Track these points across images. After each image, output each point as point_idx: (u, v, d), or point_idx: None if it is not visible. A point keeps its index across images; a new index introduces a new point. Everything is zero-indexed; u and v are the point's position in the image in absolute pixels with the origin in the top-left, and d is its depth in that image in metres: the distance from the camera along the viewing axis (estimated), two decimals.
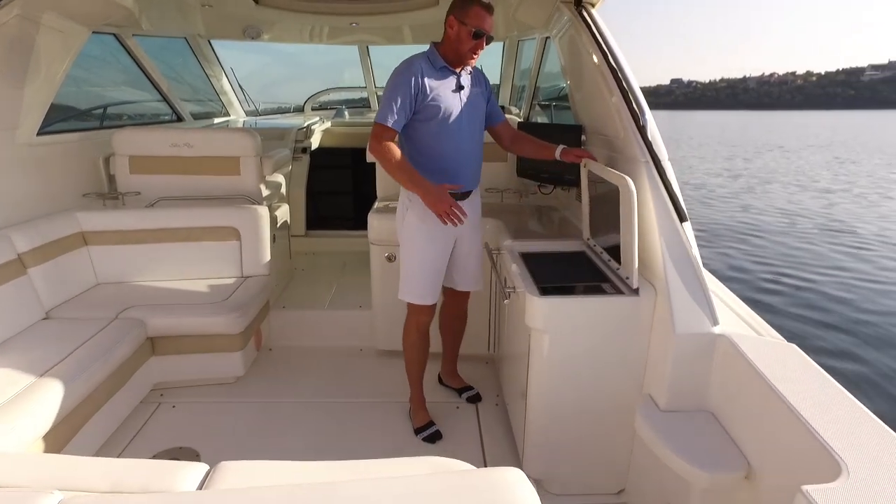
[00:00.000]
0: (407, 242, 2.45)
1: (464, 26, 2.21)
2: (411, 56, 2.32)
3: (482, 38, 2.23)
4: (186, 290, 3.02)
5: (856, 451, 1.27)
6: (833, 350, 5.18)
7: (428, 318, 2.55)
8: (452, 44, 2.26)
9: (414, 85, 2.21)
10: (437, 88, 2.26)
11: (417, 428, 2.60)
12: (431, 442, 2.54)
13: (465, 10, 2.20)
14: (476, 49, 2.26)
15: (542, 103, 4.71)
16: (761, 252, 8.49)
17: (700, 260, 1.92)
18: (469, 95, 2.36)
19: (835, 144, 31.55)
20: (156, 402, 2.79)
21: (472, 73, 2.42)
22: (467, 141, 2.37)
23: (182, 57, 5.00)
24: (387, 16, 4.30)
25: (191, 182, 3.42)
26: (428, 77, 2.24)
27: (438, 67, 2.29)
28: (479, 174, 2.53)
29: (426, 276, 2.45)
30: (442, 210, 2.17)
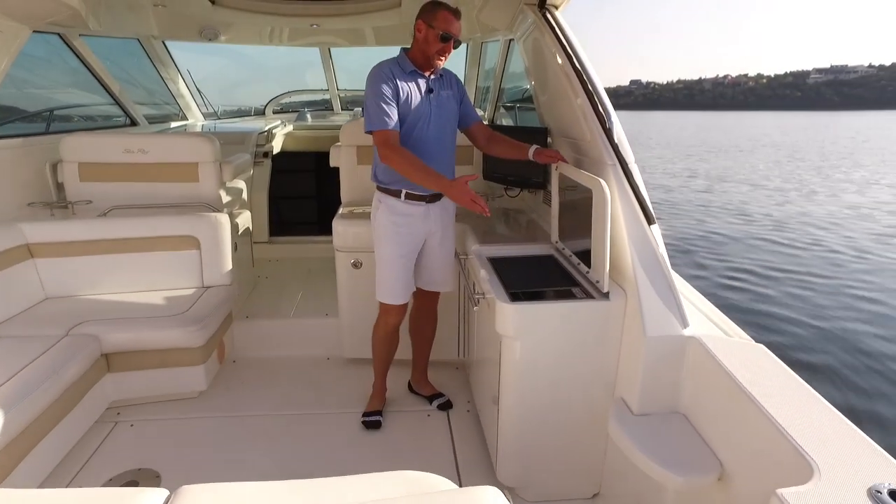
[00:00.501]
0: (378, 243, 2.49)
1: (431, 30, 2.25)
2: (381, 62, 2.35)
3: (449, 41, 2.27)
4: (143, 303, 2.88)
5: (826, 451, 1.28)
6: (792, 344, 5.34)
7: (396, 319, 2.59)
8: (421, 47, 2.30)
9: (392, 84, 2.25)
10: (408, 92, 2.29)
11: (365, 412, 2.70)
12: (366, 428, 2.63)
13: (433, 14, 2.25)
14: (443, 52, 2.30)
15: (506, 105, 4.71)
16: (718, 250, 8.72)
17: (668, 262, 1.92)
18: (440, 99, 2.39)
19: (785, 145, 32.77)
20: (112, 422, 2.65)
21: (444, 76, 2.44)
22: (438, 144, 2.40)
23: (135, 58, 4.80)
24: (348, 17, 4.24)
25: (146, 189, 3.28)
26: (398, 81, 2.28)
27: (408, 71, 2.32)
28: (452, 177, 2.51)
29: (395, 276, 2.48)
30: (466, 201, 2.10)
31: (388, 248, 2.47)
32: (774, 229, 10.30)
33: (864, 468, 1.23)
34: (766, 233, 10.04)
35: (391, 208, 2.43)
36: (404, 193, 2.41)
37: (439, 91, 2.40)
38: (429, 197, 2.45)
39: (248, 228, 3.81)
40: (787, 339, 5.43)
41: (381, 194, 2.47)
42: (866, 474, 1.21)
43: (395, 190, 2.42)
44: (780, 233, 10.04)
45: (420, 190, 2.41)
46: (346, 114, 6.30)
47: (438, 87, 2.40)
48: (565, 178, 2.42)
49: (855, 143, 34.19)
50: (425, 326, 2.82)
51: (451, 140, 2.49)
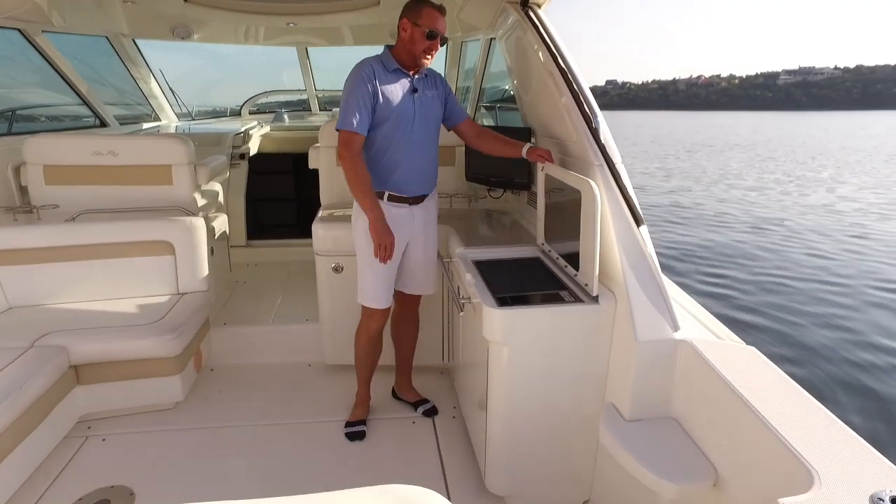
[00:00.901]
0: (360, 245, 2.43)
1: (417, 28, 2.20)
2: (364, 59, 2.29)
3: (436, 38, 2.23)
4: (115, 312, 2.76)
5: (824, 457, 1.26)
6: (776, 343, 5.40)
7: (379, 324, 2.54)
8: (406, 46, 2.25)
9: (370, 84, 2.20)
10: (390, 91, 2.24)
11: (348, 422, 2.63)
12: (350, 439, 2.55)
13: (418, 11, 2.20)
14: (430, 50, 2.26)
15: (486, 105, 4.68)
16: (698, 253, 8.79)
17: (658, 264, 1.89)
18: (424, 99, 2.34)
19: (758, 144, 33.42)
20: (82, 437, 2.53)
21: (428, 76, 2.39)
22: (422, 145, 2.35)
23: (105, 57, 4.64)
24: (325, 16, 4.15)
25: (117, 193, 3.15)
26: (380, 79, 2.23)
27: (391, 70, 2.27)
28: (435, 178, 2.50)
29: (378, 279, 2.43)
30: (380, 244, 2.24)
31: (370, 251, 2.40)
32: (753, 228, 10.44)
33: (864, 474, 1.21)
34: (742, 234, 10.16)
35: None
36: (387, 195, 2.36)
37: (424, 91, 2.34)
38: (412, 199, 2.40)
39: (224, 232, 3.70)
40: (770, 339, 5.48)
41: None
42: (867, 481, 1.19)
43: (377, 191, 2.36)
44: (758, 233, 10.18)
45: (403, 191, 2.36)
46: (325, 114, 6.20)
47: (423, 86, 2.35)
48: (551, 179, 2.39)
49: (822, 143, 35.04)
50: (408, 330, 2.76)
51: (435, 141, 2.45)
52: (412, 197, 2.40)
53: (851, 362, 4.99)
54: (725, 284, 7.18)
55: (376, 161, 2.32)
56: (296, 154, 5.07)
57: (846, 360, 5.03)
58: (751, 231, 10.28)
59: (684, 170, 20.32)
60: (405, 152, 2.29)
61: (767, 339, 5.45)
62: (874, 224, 10.98)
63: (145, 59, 4.93)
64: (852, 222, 11.04)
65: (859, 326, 5.79)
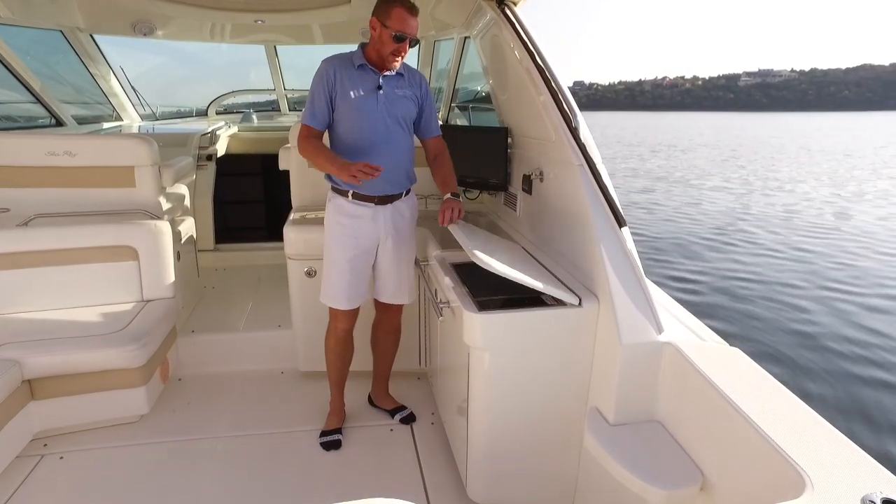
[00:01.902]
0: (325, 243, 2.41)
1: (385, 29, 2.14)
2: (333, 55, 2.26)
3: (404, 41, 2.16)
4: (74, 321, 2.61)
5: (814, 459, 1.25)
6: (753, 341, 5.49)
7: (345, 325, 2.49)
8: (375, 46, 2.21)
9: (327, 81, 2.20)
10: (353, 86, 2.21)
11: (323, 431, 2.56)
12: (326, 449, 2.48)
13: (387, 11, 2.13)
14: (398, 53, 2.19)
15: (460, 105, 4.63)
16: (673, 254, 8.92)
17: (640, 265, 1.87)
18: (391, 97, 2.27)
19: (720, 144, 34.26)
20: (37, 455, 2.38)
21: (407, 76, 2.33)
22: (387, 143, 2.27)
23: (60, 53, 4.43)
24: (294, 13, 4.04)
25: (75, 196, 2.99)
26: (344, 74, 2.21)
27: (357, 65, 2.22)
28: (406, 180, 2.41)
29: (340, 279, 2.37)
30: (349, 175, 2.02)
31: (334, 249, 2.37)
32: (716, 229, 10.62)
33: (854, 477, 1.20)
34: (709, 232, 10.36)
35: (339, 208, 2.35)
36: (352, 193, 2.31)
37: (392, 89, 2.28)
38: (377, 199, 2.33)
39: (191, 236, 3.56)
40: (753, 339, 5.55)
41: (331, 193, 2.39)
42: (857, 483, 1.18)
43: (343, 189, 2.32)
44: (728, 234, 10.34)
45: (368, 190, 2.29)
46: (294, 114, 6.07)
47: (392, 85, 2.28)
48: (536, 177, 2.36)
49: (782, 143, 36.14)
50: (387, 339, 2.69)
51: (405, 141, 2.36)
52: (378, 196, 2.32)
53: (832, 360, 5.10)
54: (702, 285, 7.28)
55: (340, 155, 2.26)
56: (264, 155, 4.94)
57: (827, 358, 5.14)
58: (724, 232, 10.45)
59: (650, 170, 20.66)
60: (368, 150, 2.22)
61: (750, 339, 5.53)
62: (838, 221, 11.32)
63: (104, 56, 4.72)
64: (815, 221, 11.35)
65: (837, 323, 5.92)
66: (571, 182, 2.07)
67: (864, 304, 6.46)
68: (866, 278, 7.41)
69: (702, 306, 6.36)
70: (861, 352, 5.27)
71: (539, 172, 2.42)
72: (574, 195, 2.06)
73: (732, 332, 5.64)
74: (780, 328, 5.79)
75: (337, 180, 2.32)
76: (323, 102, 2.21)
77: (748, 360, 1.68)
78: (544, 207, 2.42)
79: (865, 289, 6.99)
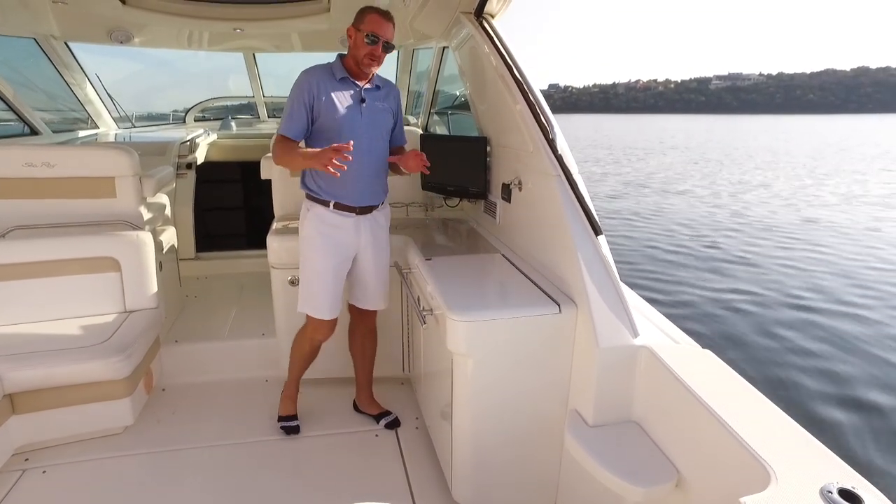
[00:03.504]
0: (304, 253, 2.42)
1: (359, 33, 2.24)
2: (313, 66, 2.31)
3: (377, 43, 2.23)
4: (56, 334, 2.60)
5: (778, 454, 1.33)
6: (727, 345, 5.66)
7: (325, 335, 2.53)
8: (351, 52, 2.29)
9: (308, 92, 2.23)
10: (335, 99, 2.25)
11: (280, 416, 2.67)
12: (287, 433, 2.62)
13: (361, 17, 2.25)
14: (373, 55, 2.25)
15: (439, 112, 4.70)
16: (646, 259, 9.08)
17: (616, 272, 1.95)
18: (372, 109, 2.34)
19: (691, 147, 34.96)
20: (18, 470, 2.36)
21: (383, 88, 2.40)
22: (369, 154, 2.34)
23: (32, 59, 4.37)
24: (273, 22, 4.05)
25: (54, 207, 2.96)
26: (325, 87, 2.24)
27: (339, 78, 2.28)
28: (383, 191, 2.50)
29: (323, 289, 2.40)
30: (323, 163, 2.03)
31: (316, 259, 2.39)
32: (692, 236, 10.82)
33: (815, 469, 1.29)
34: (683, 238, 10.54)
35: (319, 218, 2.37)
36: (333, 203, 2.35)
37: (373, 102, 2.34)
38: (359, 209, 2.39)
39: (173, 245, 3.55)
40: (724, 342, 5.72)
41: (309, 202, 2.40)
42: (817, 475, 1.27)
43: (323, 199, 2.35)
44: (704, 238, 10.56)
45: (350, 200, 2.35)
46: (273, 121, 6.06)
47: (373, 97, 2.35)
48: (515, 186, 2.43)
49: (752, 145, 37.01)
50: (365, 344, 2.74)
51: (384, 152, 2.44)
52: (359, 207, 2.38)
53: (797, 361, 5.29)
54: (677, 290, 7.43)
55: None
56: (244, 162, 4.93)
57: (792, 358, 5.34)
58: (698, 235, 10.65)
59: (624, 173, 20.98)
60: (354, 164, 2.23)
61: (721, 341, 5.70)
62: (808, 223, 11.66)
63: (80, 64, 4.67)
64: (783, 225, 11.65)
65: (803, 326, 6.13)
66: (549, 192, 2.15)
67: (827, 309, 6.68)
68: (831, 282, 7.65)
69: (676, 309, 6.53)
70: (824, 352, 5.49)
71: (518, 181, 2.49)
72: (552, 204, 2.13)
73: (705, 334, 5.80)
74: (750, 331, 5.97)
75: (314, 189, 2.36)
76: (303, 114, 2.24)
77: (719, 362, 1.77)
78: (523, 216, 2.49)
79: (830, 293, 7.22)
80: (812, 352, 5.49)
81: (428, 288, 2.19)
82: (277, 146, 2.26)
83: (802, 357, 5.38)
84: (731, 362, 1.78)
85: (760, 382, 1.71)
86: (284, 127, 2.26)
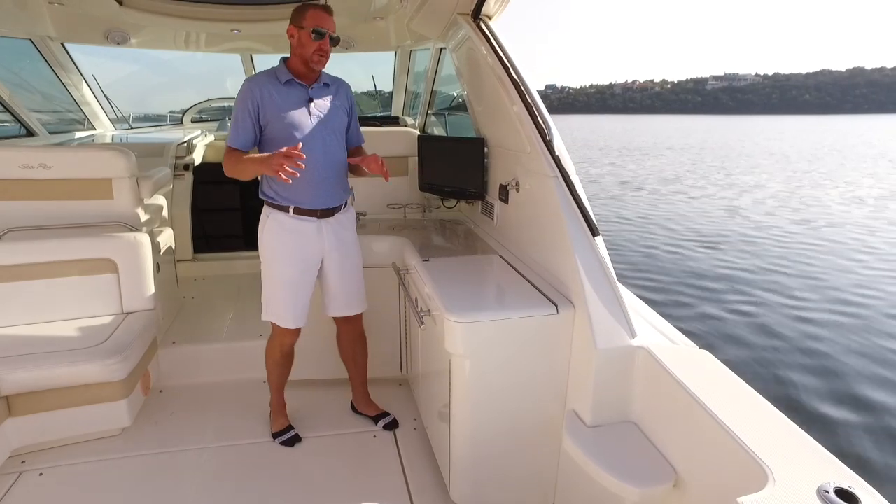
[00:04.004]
0: (265, 260, 2.38)
1: (302, 30, 2.18)
2: (253, 75, 2.29)
3: (324, 36, 2.19)
4: (53, 336, 2.59)
5: (775, 454, 1.34)
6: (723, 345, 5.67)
7: (292, 339, 2.50)
8: (297, 52, 2.23)
9: (251, 101, 2.19)
10: (281, 103, 2.22)
11: (275, 432, 2.61)
12: (290, 445, 2.56)
13: (302, 14, 2.19)
14: (321, 51, 2.20)
15: (436, 113, 4.70)
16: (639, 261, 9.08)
17: (614, 273, 1.96)
18: (322, 108, 2.30)
19: (687, 148, 35.02)
20: (15, 472, 2.36)
21: (332, 86, 2.36)
22: (324, 155, 2.29)
23: (28, 60, 4.36)
24: (271, 23, 4.05)
25: (51, 209, 2.95)
26: (269, 92, 2.21)
27: (284, 81, 2.24)
28: (344, 191, 2.44)
29: (286, 298, 2.38)
30: (274, 169, 1.98)
31: (279, 268, 2.35)
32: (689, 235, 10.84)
33: (812, 469, 1.30)
34: (681, 238, 10.56)
35: (280, 224, 2.32)
36: (293, 208, 2.31)
37: (323, 101, 2.30)
38: (320, 212, 2.34)
39: (170, 247, 3.55)
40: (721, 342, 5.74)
41: (268, 209, 2.35)
42: (814, 475, 1.27)
43: (282, 205, 2.31)
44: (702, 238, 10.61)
45: (309, 204, 2.31)
46: None
47: (323, 96, 2.31)
48: (512, 187, 2.43)
49: (748, 146, 37.10)
50: (356, 350, 2.70)
51: (343, 153, 2.40)
52: (320, 210, 2.34)
53: (795, 361, 5.32)
54: (673, 289, 7.44)
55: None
56: None
57: (790, 358, 5.36)
58: (695, 236, 10.65)
59: (617, 174, 21.00)
60: (311, 166, 2.17)
61: (718, 342, 5.71)
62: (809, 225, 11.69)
63: (76, 65, 4.66)
64: (780, 224, 11.70)
65: (799, 326, 6.15)
66: (546, 193, 2.15)
67: (825, 309, 6.71)
68: (829, 282, 7.68)
69: (672, 310, 6.54)
70: (821, 352, 5.51)
71: (515, 182, 2.49)
72: (549, 206, 2.13)
73: (702, 334, 5.82)
74: (747, 331, 5.98)
75: (272, 195, 2.32)
76: (249, 124, 2.20)
77: (716, 362, 1.78)
78: (521, 217, 2.50)
79: (828, 293, 7.24)
80: (809, 351, 5.51)
81: (426, 289, 2.19)
82: (226, 158, 2.21)
83: (799, 357, 5.40)
84: (728, 362, 1.79)
85: (757, 382, 1.71)
86: (231, 138, 2.21)
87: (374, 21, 4.00)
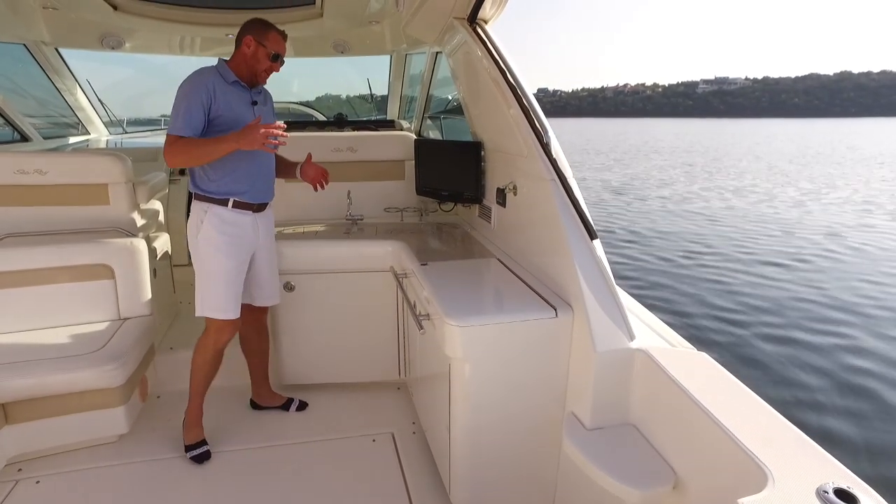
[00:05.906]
0: (203, 256, 2.42)
1: (262, 48, 2.31)
2: (201, 68, 2.33)
3: (278, 61, 2.37)
4: (49, 343, 2.57)
5: (774, 455, 1.35)
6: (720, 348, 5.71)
7: (228, 336, 2.52)
8: (248, 62, 2.34)
9: (206, 93, 2.23)
10: (231, 102, 2.31)
11: (188, 445, 2.52)
12: (199, 462, 2.47)
13: (265, 33, 2.32)
14: (271, 70, 2.38)
15: (432, 116, 4.72)
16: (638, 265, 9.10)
17: (612, 275, 1.98)
18: (262, 112, 2.45)
19: (678, 150, 35.24)
20: (11, 481, 2.34)
21: (262, 94, 2.51)
22: (262, 153, 2.40)
23: (21, 64, 4.34)
24: None
25: (47, 214, 2.94)
26: (220, 90, 2.28)
27: (230, 82, 2.34)
28: (274, 187, 2.59)
29: (227, 289, 2.44)
30: (260, 141, 2.12)
31: (219, 260, 2.41)
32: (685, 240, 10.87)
33: (811, 470, 1.31)
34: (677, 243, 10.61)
35: (219, 217, 2.39)
36: (232, 201, 2.39)
37: (262, 105, 2.46)
38: (256, 206, 2.46)
39: (167, 252, 3.53)
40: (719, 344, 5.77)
41: (205, 204, 2.39)
42: (813, 475, 1.29)
43: (221, 199, 2.38)
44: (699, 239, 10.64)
45: (249, 198, 2.43)
46: None
47: (261, 100, 2.47)
48: (510, 190, 2.44)
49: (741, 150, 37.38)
50: (260, 341, 2.81)
51: (272, 156, 2.54)
52: (256, 204, 2.46)
53: (792, 362, 5.35)
54: (673, 292, 7.47)
55: (222, 169, 2.34)
56: None
57: (787, 360, 5.40)
58: (693, 238, 10.67)
59: (612, 178, 21.10)
60: (249, 161, 2.35)
61: (716, 344, 5.73)
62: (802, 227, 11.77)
63: (70, 69, 4.64)
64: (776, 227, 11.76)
65: (797, 328, 6.18)
66: (544, 196, 2.16)
67: (822, 308, 6.75)
68: (826, 283, 7.72)
69: (670, 313, 6.57)
70: (819, 353, 5.55)
71: (513, 186, 2.51)
72: (547, 208, 2.15)
73: (700, 337, 5.85)
74: (745, 333, 6.02)
75: (211, 190, 2.37)
76: (201, 113, 2.22)
77: (715, 364, 1.79)
78: (519, 220, 2.51)
79: (826, 293, 7.29)
80: (807, 352, 5.54)
81: (424, 293, 2.20)
82: (174, 146, 2.19)
83: (797, 358, 5.43)
84: (726, 364, 1.80)
85: (756, 384, 1.73)
86: (179, 126, 2.18)
87: (369, 25, 4.01)
